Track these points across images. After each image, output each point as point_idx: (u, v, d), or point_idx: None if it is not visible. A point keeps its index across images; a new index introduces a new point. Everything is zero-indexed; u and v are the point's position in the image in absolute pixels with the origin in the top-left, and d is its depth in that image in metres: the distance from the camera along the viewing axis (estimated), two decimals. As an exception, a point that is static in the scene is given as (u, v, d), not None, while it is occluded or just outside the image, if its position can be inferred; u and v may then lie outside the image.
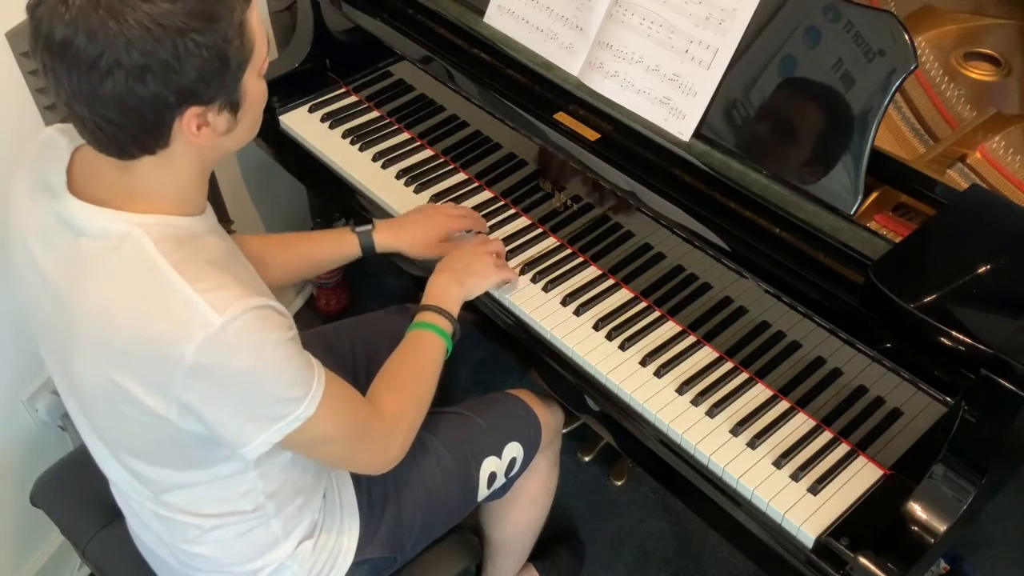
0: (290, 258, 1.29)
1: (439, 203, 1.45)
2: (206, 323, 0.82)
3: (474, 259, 1.29)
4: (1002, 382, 0.95)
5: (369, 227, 1.34)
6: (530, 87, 1.39)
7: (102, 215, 0.86)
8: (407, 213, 1.41)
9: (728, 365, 1.26)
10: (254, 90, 0.89)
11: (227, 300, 0.84)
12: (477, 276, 1.28)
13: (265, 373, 0.87)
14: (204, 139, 0.86)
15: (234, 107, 0.87)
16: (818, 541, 1.06)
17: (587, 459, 1.93)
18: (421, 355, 1.18)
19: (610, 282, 1.37)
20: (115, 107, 0.79)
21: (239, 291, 0.85)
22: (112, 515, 1.24)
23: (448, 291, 1.25)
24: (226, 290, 0.84)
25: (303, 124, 1.65)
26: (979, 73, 1.37)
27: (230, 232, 1.91)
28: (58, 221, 0.89)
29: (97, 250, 0.86)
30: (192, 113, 0.83)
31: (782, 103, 1.18)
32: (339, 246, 1.33)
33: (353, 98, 1.70)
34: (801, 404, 1.21)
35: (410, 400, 1.13)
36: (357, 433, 1.03)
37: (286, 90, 1.67)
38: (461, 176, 1.55)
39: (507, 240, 1.43)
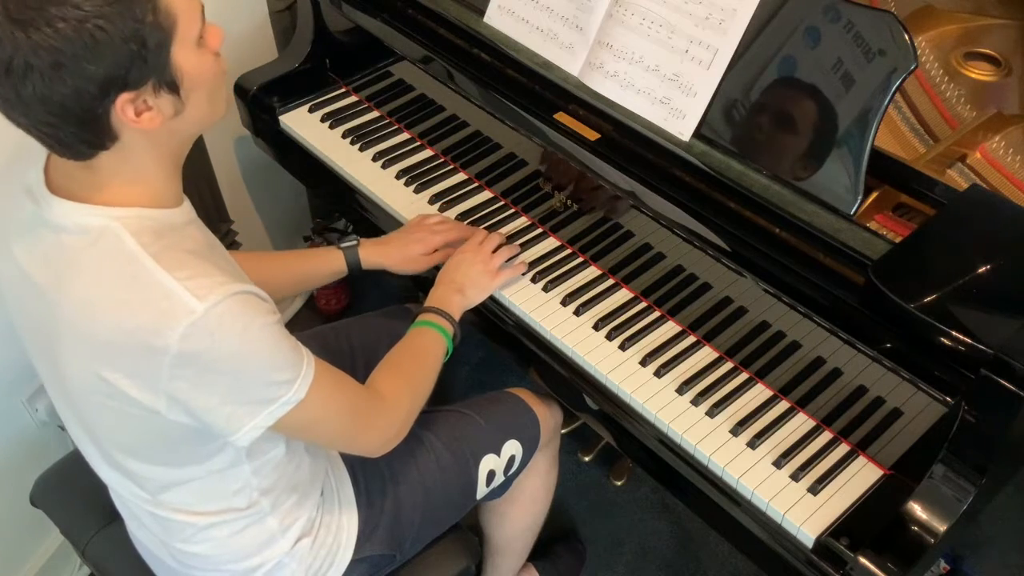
0: (274, 275, 1.28)
1: (426, 214, 1.44)
2: (189, 311, 0.82)
3: (472, 268, 1.30)
4: (1002, 382, 0.95)
5: (355, 243, 1.35)
6: (530, 87, 1.39)
7: (79, 211, 0.86)
8: (393, 232, 1.41)
9: (728, 365, 1.26)
10: (193, 65, 0.85)
11: (208, 287, 0.83)
12: (476, 287, 1.30)
13: (252, 357, 0.87)
14: (149, 124, 0.84)
15: (172, 86, 0.84)
16: (818, 541, 1.06)
17: (587, 459, 1.93)
18: (421, 348, 1.19)
19: (610, 282, 1.37)
20: (43, 109, 0.78)
21: (220, 278, 0.85)
22: (112, 515, 1.24)
23: (449, 300, 1.26)
24: (207, 277, 0.84)
25: (303, 124, 1.65)
26: (979, 73, 1.37)
27: (230, 232, 1.93)
28: (38, 220, 0.89)
29: (77, 246, 0.86)
30: (124, 100, 0.81)
31: (782, 103, 1.18)
32: (325, 263, 1.34)
33: (353, 98, 1.70)
34: (801, 404, 1.21)
35: (407, 387, 1.13)
36: (351, 415, 1.03)
37: (286, 90, 1.67)
38: (461, 176, 1.55)
39: (507, 240, 1.42)
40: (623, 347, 1.28)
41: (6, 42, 0.75)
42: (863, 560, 1.00)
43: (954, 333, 0.97)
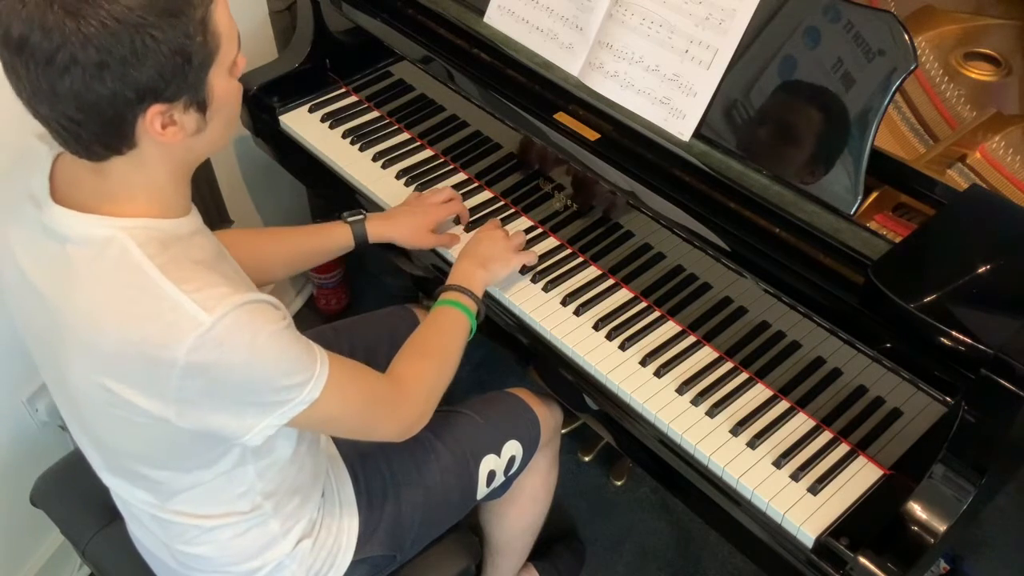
0: (279, 251, 1.29)
1: (419, 193, 1.45)
2: (196, 323, 0.82)
3: (494, 244, 1.31)
4: (1002, 382, 0.95)
5: (361, 216, 1.35)
6: (530, 87, 1.39)
7: (85, 221, 0.86)
8: (397, 206, 1.42)
9: (728, 365, 1.26)
10: (223, 90, 0.86)
11: (216, 298, 0.83)
12: (499, 261, 1.30)
13: (261, 366, 0.87)
14: (171, 138, 0.84)
15: (201, 106, 0.85)
16: (818, 541, 1.06)
17: (587, 459, 1.93)
18: (444, 329, 1.20)
19: (610, 282, 1.37)
20: (74, 105, 0.78)
21: (227, 289, 0.85)
22: (112, 515, 1.24)
23: (472, 275, 1.26)
24: (214, 288, 0.84)
25: (303, 124, 1.65)
26: (979, 73, 1.37)
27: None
28: (43, 230, 0.88)
29: (82, 256, 0.85)
30: (155, 111, 0.81)
31: (782, 103, 1.18)
32: (332, 237, 1.33)
33: (353, 98, 1.70)
34: (801, 404, 1.21)
35: (430, 367, 1.13)
36: (370, 406, 1.04)
37: (286, 90, 1.67)
38: (461, 176, 1.55)
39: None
40: (623, 347, 1.28)
41: (55, 32, 0.74)
42: (863, 560, 1.00)
43: (954, 333, 0.97)
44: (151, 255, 0.84)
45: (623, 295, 1.36)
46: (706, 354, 1.28)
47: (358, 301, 2.30)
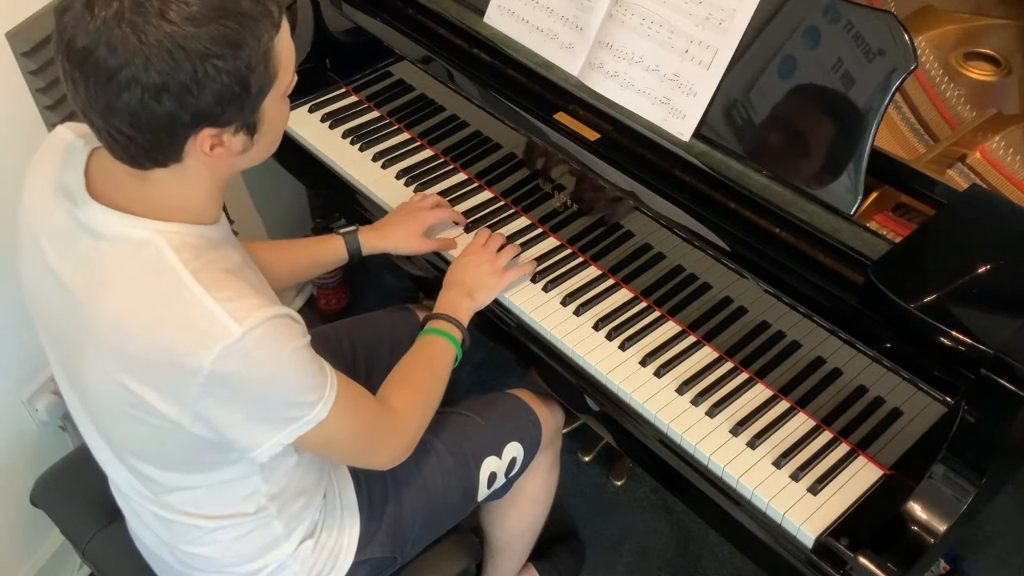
0: (275, 264, 1.29)
1: (414, 196, 1.45)
2: (226, 333, 0.83)
3: (479, 270, 1.31)
4: (1002, 382, 0.95)
5: (354, 229, 1.35)
6: (530, 87, 1.39)
7: (122, 221, 0.86)
8: (386, 216, 1.43)
9: (728, 365, 1.26)
10: (274, 113, 0.88)
11: (246, 310, 0.84)
12: (484, 289, 1.30)
13: (281, 380, 0.88)
14: (217, 159, 0.86)
15: (251, 129, 0.86)
16: (818, 541, 1.06)
17: (587, 459, 1.93)
18: (431, 358, 1.20)
19: (610, 282, 1.37)
20: (128, 121, 0.79)
21: (257, 300, 0.86)
22: (112, 515, 1.24)
23: (458, 304, 1.27)
24: (245, 300, 0.85)
25: (303, 124, 1.65)
26: (979, 73, 1.37)
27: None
28: (76, 224, 0.88)
29: (115, 256, 0.86)
30: (207, 134, 0.82)
31: (782, 103, 1.18)
32: (325, 250, 1.34)
33: (353, 98, 1.70)
34: (801, 404, 1.21)
35: (419, 400, 1.14)
36: (367, 433, 1.04)
37: (286, 90, 1.67)
38: (461, 176, 1.55)
39: (507, 241, 1.42)
40: (623, 347, 1.28)
41: (120, 50, 0.75)
42: (863, 560, 1.00)
43: (954, 333, 0.97)
44: (185, 260, 0.85)
45: (623, 295, 1.36)
46: (706, 354, 1.28)
47: (358, 301, 2.30)
